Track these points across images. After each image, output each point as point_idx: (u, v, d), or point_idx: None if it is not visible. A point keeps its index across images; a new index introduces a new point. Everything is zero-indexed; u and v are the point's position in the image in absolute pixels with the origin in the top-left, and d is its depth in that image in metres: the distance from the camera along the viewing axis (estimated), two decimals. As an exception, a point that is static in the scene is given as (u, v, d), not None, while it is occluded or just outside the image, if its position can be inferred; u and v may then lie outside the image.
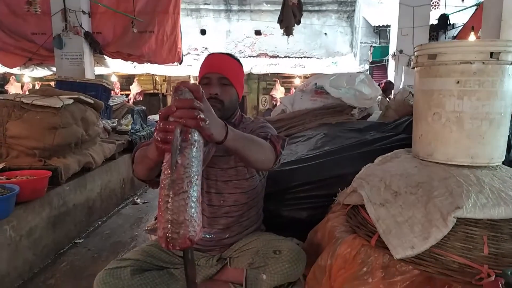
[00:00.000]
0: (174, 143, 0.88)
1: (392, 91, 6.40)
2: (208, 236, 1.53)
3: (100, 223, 3.62)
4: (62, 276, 2.59)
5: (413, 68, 1.46)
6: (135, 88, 9.92)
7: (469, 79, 1.27)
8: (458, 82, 1.28)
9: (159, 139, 0.90)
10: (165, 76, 10.75)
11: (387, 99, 5.26)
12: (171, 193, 0.86)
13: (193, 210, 0.87)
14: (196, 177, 0.90)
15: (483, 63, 1.24)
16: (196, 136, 0.93)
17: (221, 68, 1.48)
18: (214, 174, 1.52)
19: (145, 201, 4.33)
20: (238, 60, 1.57)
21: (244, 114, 1.66)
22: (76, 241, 3.16)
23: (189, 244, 0.84)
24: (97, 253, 2.97)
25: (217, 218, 1.53)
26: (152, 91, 11.01)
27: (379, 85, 5.24)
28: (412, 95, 2.51)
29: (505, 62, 1.24)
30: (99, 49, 5.91)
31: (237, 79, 1.52)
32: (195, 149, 0.92)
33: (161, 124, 0.91)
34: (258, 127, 1.52)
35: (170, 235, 0.83)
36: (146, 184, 1.38)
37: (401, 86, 5.51)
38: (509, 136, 1.40)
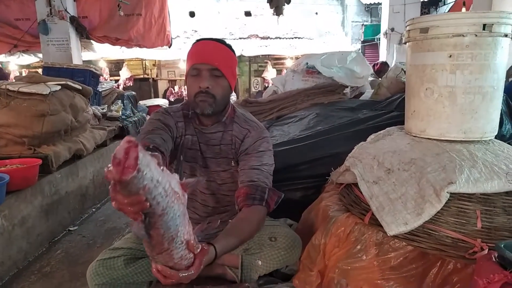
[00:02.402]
0: (137, 234, 0.79)
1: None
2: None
3: (94, 210, 3.60)
4: (57, 264, 2.58)
5: (405, 43, 1.44)
6: (124, 73, 9.74)
7: (461, 52, 1.24)
8: (450, 56, 1.26)
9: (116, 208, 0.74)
10: (155, 60, 10.58)
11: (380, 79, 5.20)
12: (154, 253, 0.88)
13: (180, 252, 0.90)
14: (177, 231, 0.85)
15: (476, 35, 1.22)
16: (166, 203, 0.76)
17: (212, 58, 1.35)
18: (208, 176, 1.48)
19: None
20: (230, 47, 1.44)
21: (235, 107, 1.54)
22: (71, 229, 3.15)
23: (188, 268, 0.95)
24: (92, 239, 2.96)
25: (212, 217, 1.51)
26: (142, 76, 10.84)
27: (374, 66, 5.20)
28: (404, 72, 2.48)
29: (498, 34, 1.22)
30: (85, 34, 5.77)
31: (229, 70, 1.40)
32: (169, 216, 0.79)
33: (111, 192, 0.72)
34: (254, 152, 1.39)
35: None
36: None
37: (393, 65, 5.48)
38: (501, 110, 1.39)
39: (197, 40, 1.44)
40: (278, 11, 5.48)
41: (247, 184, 1.32)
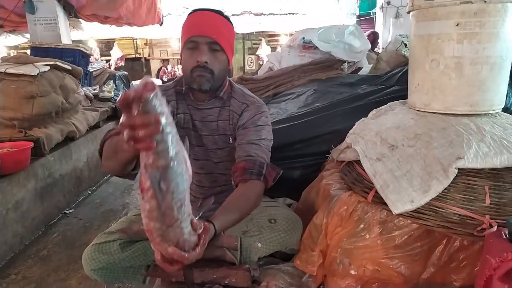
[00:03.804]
0: (153, 183, 0.72)
1: (380, 44, 6.24)
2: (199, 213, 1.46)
3: (89, 192, 3.56)
4: (54, 247, 2.56)
5: (409, 12, 1.36)
6: (115, 53, 9.55)
7: (469, 20, 1.18)
8: (457, 25, 1.19)
9: (126, 138, 0.67)
10: (146, 39, 10.36)
11: (374, 52, 5.10)
12: (164, 226, 0.79)
13: (188, 226, 0.85)
14: (185, 197, 0.79)
15: (485, 1, 1.15)
16: (177, 150, 0.72)
17: (211, 31, 1.27)
18: (203, 154, 1.42)
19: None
20: (229, 19, 1.36)
21: (232, 82, 1.47)
22: (67, 212, 3.12)
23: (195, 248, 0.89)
24: (88, 222, 2.94)
25: (208, 198, 1.47)
26: (133, 56, 10.64)
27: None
28: (405, 45, 2.42)
29: (508, 0, 1.16)
30: (73, 13, 5.58)
31: (228, 44, 1.32)
32: (179, 169, 0.74)
33: (125, 118, 0.66)
34: (253, 125, 1.33)
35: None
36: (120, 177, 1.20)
37: (389, 39, 5.37)
38: (509, 81, 1.33)
39: (194, 10, 1.34)
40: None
41: (245, 159, 1.26)
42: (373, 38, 5.98)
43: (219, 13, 1.33)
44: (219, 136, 1.41)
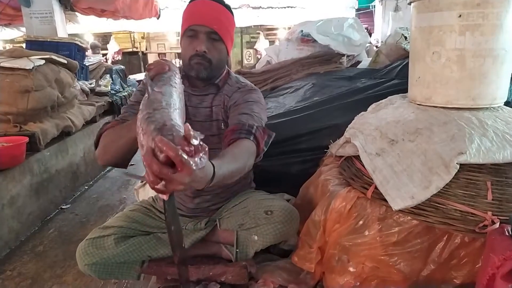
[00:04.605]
0: None
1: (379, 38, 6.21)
2: (195, 204, 1.44)
3: (86, 187, 3.54)
4: (50, 243, 2.54)
5: (410, 3, 1.33)
6: (112, 47, 9.45)
7: (472, 11, 1.14)
8: (460, 16, 1.16)
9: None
10: (144, 33, 10.27)
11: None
12: (151, 109, 0.75)
13: (178, 121, 0.75)
14: (176, 107, 0.81)
15: (489, -8, 1.12)
16: (174, 80, 0.98)
17: (211, 21, 1.27)
18: None
19: (132, 163, 4.22)
20: (229, 8, 1.35)
21: (230, 70, 1.47)
22: (63, 207, 3.09)
23: (186, 145, 0.66)
24: (85, 217, 2.91)
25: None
26: (131, 50, 10.53)
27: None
28: (405, 37, 2.38)
29: (512, -9, 1.12)
30: (69, 6, 5.52)
31: (228, 34, 1.32)
32: (173, 89, 0.93)
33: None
34: (243, 102, 1.31)
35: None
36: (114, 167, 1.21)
37: (388, 33, 5.33)
38: None
39: None
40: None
41: (234, 124, 1.20)
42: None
43: (220, 2, 1.32)
44: (212, 122, 1.40)
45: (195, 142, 0.68)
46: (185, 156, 0.64)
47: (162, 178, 0.65)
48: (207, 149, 0.71)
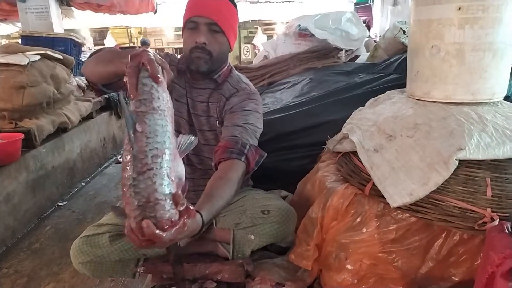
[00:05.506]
0: (122, 108, 0.76)
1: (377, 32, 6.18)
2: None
3: (83, 184, 3.52)
4: (47, 240, 2.53)
5: (408, -4, 1.30)
6: (109, 42, 9.42)
7: (471, 4, 1.12)
8: (459, 9, 1.13)
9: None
10: (141, 28, 10.22)
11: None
12: (134, 173, 0.72)
13: (165, 187, 0.73)
14: (164, 149, 0.76)
15: (488, -16, 1.09)
16: (158, 101, 0.81)
17: (211, 12, 1.26)
18: (192, 134, 1.39)
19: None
20: (233, 2, 1.33)
21: (233, 68, 1.45)
22: (60, 204, 3.08)
23: (171, 226, 0.72)
24: (82, 214, 2.90)
25: (197, 179, 1.42)
26: (128, 45, 10.49)
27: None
28: (403, 31, 2.36)
29: (513, -17, 1.10)
30: (65, 1, 5.47)
31: (229, 26, 1.31)
32: (160, 121, 0.78)
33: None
34: (240, 110, 1.29)
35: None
36: (92, 88, 1.18)
37: (387, 27, 5.30)
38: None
39: None
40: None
41: (227, 139, 1.21)
42: None
43: None
44: (208, 118, 1.39)
45: (181, 208, 0.75)
46: (167, 238, 0.71)
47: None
48: (194, 213, 0.80)
